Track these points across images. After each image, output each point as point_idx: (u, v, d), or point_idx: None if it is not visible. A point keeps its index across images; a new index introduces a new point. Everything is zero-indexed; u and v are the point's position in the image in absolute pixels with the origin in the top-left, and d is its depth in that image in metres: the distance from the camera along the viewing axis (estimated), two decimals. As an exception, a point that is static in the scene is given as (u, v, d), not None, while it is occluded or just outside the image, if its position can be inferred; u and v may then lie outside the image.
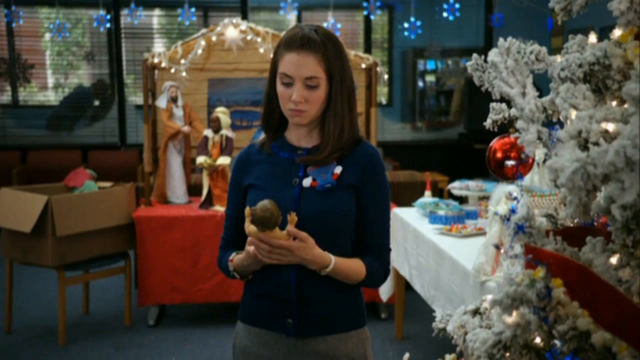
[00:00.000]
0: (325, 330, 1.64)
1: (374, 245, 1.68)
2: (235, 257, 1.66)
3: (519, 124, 0.86)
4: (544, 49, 1.02)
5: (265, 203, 1.50)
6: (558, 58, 0.97)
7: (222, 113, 4.17)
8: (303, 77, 1.57)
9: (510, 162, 1.31)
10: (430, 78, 7.91)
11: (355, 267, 1.64)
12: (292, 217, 1.51)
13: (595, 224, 1.08)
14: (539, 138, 0.83)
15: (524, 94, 0.87)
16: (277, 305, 1.64)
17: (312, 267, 1.58)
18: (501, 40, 0.97)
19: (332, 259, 1.58)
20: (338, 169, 1.64)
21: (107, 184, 4.25)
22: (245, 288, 1.74)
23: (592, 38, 1.01)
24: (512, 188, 2.29)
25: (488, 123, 1.43)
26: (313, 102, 1.60)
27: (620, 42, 0.90)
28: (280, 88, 1.61)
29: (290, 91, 1.59)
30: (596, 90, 0.91)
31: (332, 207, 1.62)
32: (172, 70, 4.65)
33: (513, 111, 1.35)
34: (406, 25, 6.43)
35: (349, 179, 1.64)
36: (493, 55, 0.95)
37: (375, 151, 1.69)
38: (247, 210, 1.52)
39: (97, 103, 7.53)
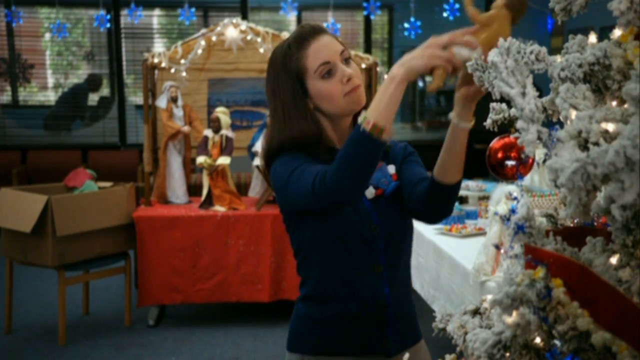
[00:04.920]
0: (411, 341, 1.55)
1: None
2: (371, 106, 1.25)
3: (519, 124, 0.86)
4: (544, 49, 1.02)
5: None
6: (558, 58, 0.97)
7: (222, 113, 4.17)
8: (339, 53, 1.43)
9: (510, 162, 1.30)
10: (430, 78, 7.90)
11: None
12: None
13: (595, 224, 1.08)
14: (539, 138, 0.83)
15: (523, 94, 0.87)
16: (373, 326, 1.47)
17: None
18: (501, 40, 0.97)
19: None
20: (392, 168, 1.51)
21: (107, 184, 4.26)
22: (305, 317, 1.51)
23: (592, 38, 1.01)
24: (512, 188, 2.30)
25: (488, 123, 1.43)
26: (359, 75, 1.45)
27: (621, 42, 0.90)
28: (322, 85, 1.41)
29: (335, 79, 1.41)
30: (596, 91, 0.91)
31: (404, 212, 1.49)
32: (172, 70, 4.65)
33: (513, 111, 1.35)
34: (407, 25, 6.43)
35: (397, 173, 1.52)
36: (493, 55, 0.95)
37: None
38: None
39: (93, 99, 7.52)
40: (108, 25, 6.62)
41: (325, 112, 1.45)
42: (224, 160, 4.10)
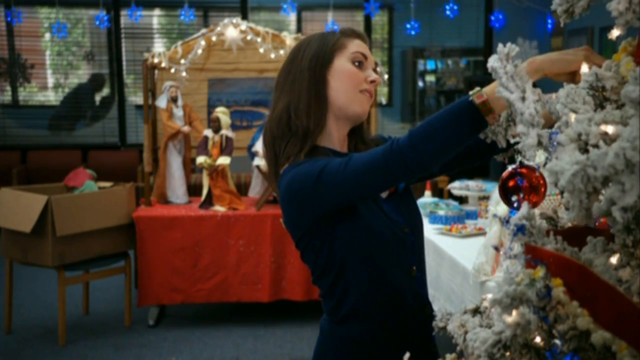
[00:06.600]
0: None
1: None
2: (491, 85, 1.14)
3: (519, 128, 0.87)
4: (538, 91, 1.03)
5: None
6: (553, 96, 0.98)
7: (222, 113, 4.18)
8: (373, 61, 1.47)
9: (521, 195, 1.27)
10: (430, 78, 7.92)
11: None
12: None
13: (597, 223, 1.09)
14: (539, 142, 0.84)
15: (523, 99, 0.88)
16: (420, 331, 1.39)
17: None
18: (500, 46, 0.98)
19: None
20: None
21: (107, 184, 4.26)
22: (347, 340, 1.38)
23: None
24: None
25: (497, 157, 1.44)
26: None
27: (614, 63, 0.91)
28: (349, 67, 1.41)
29: (362, 72, 1.43)
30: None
31: (417, 204, 1.49)
32: (172, 70, 4.65)
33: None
34: (407, 25, 6.44)
35: None
36: (493, 61, 0.95)
37: None
38: None
39: (96, 98, 7.52)
40: (108, 25, 6.62)
41: (334, 95, 1.41)
42: (224, 160, 4.10)
